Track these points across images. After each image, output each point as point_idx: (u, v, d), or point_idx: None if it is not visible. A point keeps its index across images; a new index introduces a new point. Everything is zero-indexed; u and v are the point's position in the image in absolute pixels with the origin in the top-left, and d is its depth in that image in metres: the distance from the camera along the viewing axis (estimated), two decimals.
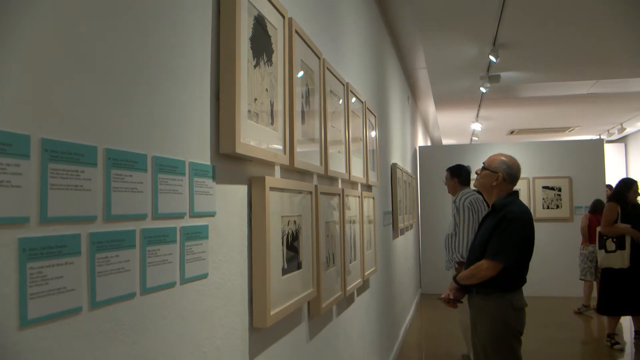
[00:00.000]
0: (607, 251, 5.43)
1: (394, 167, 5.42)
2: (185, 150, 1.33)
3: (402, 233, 6.22)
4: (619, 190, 5.59)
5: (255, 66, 1.64)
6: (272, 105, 1.78)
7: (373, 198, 3.73)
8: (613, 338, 5.66)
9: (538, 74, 7.98)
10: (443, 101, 9.75)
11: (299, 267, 1.99)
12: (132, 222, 1.11)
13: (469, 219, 4.40)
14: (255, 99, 1.63)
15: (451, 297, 3.10)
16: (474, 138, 13.45)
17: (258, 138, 1.64)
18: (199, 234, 1.36)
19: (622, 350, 5.54)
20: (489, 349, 2.92)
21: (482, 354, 2.99)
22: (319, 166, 2.32)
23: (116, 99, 1.08)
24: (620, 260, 5.36)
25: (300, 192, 2.05)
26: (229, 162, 1.56)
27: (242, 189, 1.65)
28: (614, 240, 5.40)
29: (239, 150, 1.48)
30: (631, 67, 7.68)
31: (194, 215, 1.34)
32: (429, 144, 13.86)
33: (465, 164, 5.26)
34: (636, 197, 5.51)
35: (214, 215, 1.45)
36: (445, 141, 15.99)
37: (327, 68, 2.52)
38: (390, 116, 5.56)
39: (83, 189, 0.97)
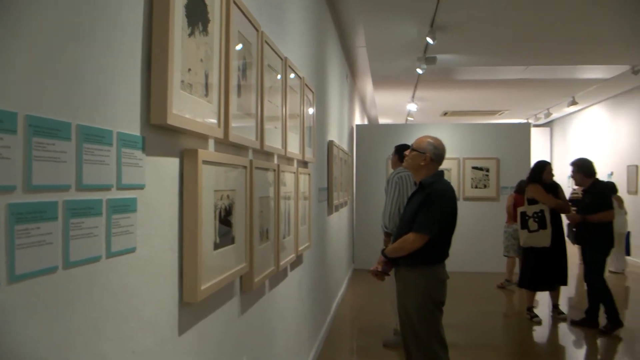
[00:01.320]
0: (530, 231, 5.72)
1: (330, 144, 5.45)
2: (113, 120, 1.28)
3: (336, 210, 6.30)
4: (535, 172, 5.93)
5: (190, 35, 1.59)
6: (206, 77, 1.73)
7: (309, 174, 3.75)
8: (532, 311, 6.02)
9: (473, 57, 8.21)
10: (381, 81, 9.87)
11: (231, 241, 1.98)
12: (54, 193, 1.06)
13: (395, 192, 4.62)
14: (189, 69, 1.59)
15: (380, 269, 3.23)
16: (409, 118, 13.73)
17: (191, 110, 1.60)
18: (127, 207, 1.32)
19: (540, 323, 5.90)
20: (414, 318, 3.09)
21: (407, 323, 3.16)
22: (255, 141, 2.30)
23: (40, 64, 1.02)
24: (542, 239, 5.65)
25: (234, 166, 2.03)
26: (161, 133, 1.51)
27: (174, 162, 1.61)
28: (536, 220, 5.70)
29: (171, 121, 1.44)
30: (559, 55, 8.04)
31: (121, 187, 1.30)
32: (366, 122, 14.03)
33: (400, 143, 5.36)
34: (551, 177, 5.85)
35: (143, 188, 1.41)
36: (382, 120, 16.24)
37: (266, 41, 2.48)
38: (328, 93, 5.57)
39: (1, 157, 0.91)
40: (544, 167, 5.88)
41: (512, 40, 7.21)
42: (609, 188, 5.78)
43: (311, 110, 3.98)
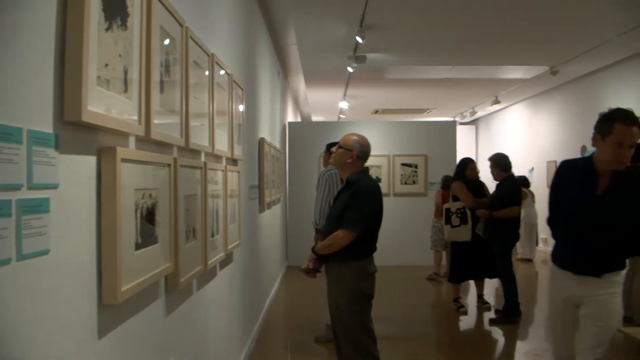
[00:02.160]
0: (452, 226, 6.00)
1: (261, 141, 5.43)
2: (24, 117, 1.22)
3: (269, 207, 6.29)
4: (458, 169, 6.22)
5: (107, 29, 1.55)
6: (126, 73, 1.69)
7: (238, 172, 3.72)
8: (458, 302, 6.28)
9: (401, 57, 8.41)
10: (313, 78, 9.94)
11: (155, 241, 1.94)
12: None
13: (325, 190, 4.73)
14: (107, 65, 1.54)
15: (311, 267, 3.27)
16: (341, 116, 13.89)
17: (109, 106, 1.55)
18: (39, 207, 1.27)
19: (466, 312, 6.17)
20: (344, 311, 3.15)
21: (337, 316, 3.22)
22: (180, 138, 2.26)
23: None
24: (464, 234, 5.95)
25: (157, 164, 1.99)
26: (76, 131, 1.46)
27: (91, 160, 1.56)
28: (459, 215, 5.97)
29: (86, 118, 1.39)
30: (483, 55, 8.39)
31: (32, 187, 1.24)
32: (299, 119, 14.07)
33: (332, 140, 5.43)
34: (474, 174, 6.12)
35: (57, 188, 1.36)
36: (315, 118, 16.35)
37: (191, 37, 2.44)
38: (259, 90, 5.54)
39: None
40: (466, 165, 6.16)
41: (438, 41, 7.46)
42: (519, 184, 6.07)
43: (241, 107, 3.95)
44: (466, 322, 6.00)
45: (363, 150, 3.27)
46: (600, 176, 2.69)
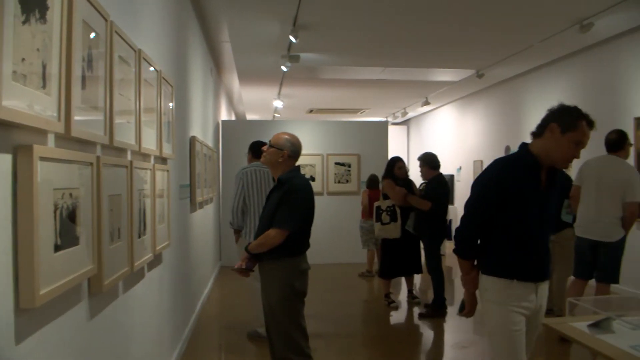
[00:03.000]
0: (382, 223, 6.16)
1: (193, 140, 5.35)
2: None
3: (201, 207, 6.19)
4: (387, 168, 6.37)
5: (24, 22, 1.48)
6: (44, 68, 1.62)
7: (167, 171, 3.65)
8: (389, 298, 6.44)
9: (335, 57, 8.50)
10: (247, 76, 9.87)
11: (76, 242, 1.88)
12: None
13: (238, 188, 4.93)
14: (23, 59, 1.48)
15: (244, 266, 3.26)
16: (276, 115, 13.87)
17: (26, 102, 1.49)
18: None
19: (396, 308, 6.34)
20: (277, 310, 3.17)
21: (270, 314, 3.23)
22: (103, 136, 2.19)
23: None
24: (393, 231, 6.13)
25: (79, 163, 1.92)
26: None
27: (6, 158, 1.49)
28: (389, 213, 6.13)
29: (0, 115, 1.33)
30: (413, 58, 8.62)
31: None
32: (233, 118, 13.93)
33: (267, 139, 5.45)
34: (403, 172, 6.30)
35: None
36: (250, 116, 16.23)
37: (116, 31, 2.38)
38: (190, 88, 5.45)
39: None
40: (394, 163, 6.32)
41: (371, 42, 7.60)
42: (447, 182, 6.29)
43: (171, 105, 3.87)
44: (397, 316, 6.16)
45: (294, 149, 3.30)
46: (541, 172, 2.52)
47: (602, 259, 4.69)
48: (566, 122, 2.44)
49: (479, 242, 2.57)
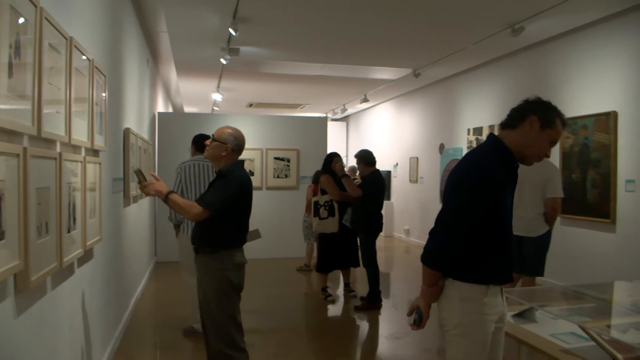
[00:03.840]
0: (320, 218, 6.25)
1: (127, 131, 5.19)
2: None
3: (135, 201, 6.03)
4: (325, 163, 6.47)
5: None
6: None
7: (99, 163, 3.54)
8: (326, 291, 6.53)
9: (275, 51, 8.48)
10: (185, 68, 9.68)
11: (1, 237, 1.79)
12: None
13: (176, 181, 4.93)
14: None
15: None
16: (215, 108, 13.69)
17: None
18: None
19: (333, 301, 6.44)
20: (213, 304, 3.15)
21: (205, 308, 3.20)
22: (31, 126, 2.10)
23: None
24: (331, 225, 6.25)
25: (4, 154, 1.83)
26: None
27: None
28: (326, 208, 6.24)
29: None
30: (352, 55, 8.72)
31: None
32: (170, 110, 13.63)
33: (205, 132, 5.42)
34: (340, 168, 6.40)
35: None
36: (188, 109, 15.93)
37: (46, 18, 2.28)
38: (125, 78, 5.29)
39: None
40: (332, 159, 6.42)
41: (311, 38, 7.63)
42: (383, 178, 6.43)
43: (103, 95, 3.75)
44: (334, 309, 6.24)
45: (238, 143, 3.28)
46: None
47: (527, 253, 4.92)
48: (548, 118, 2.21)
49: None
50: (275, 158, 9.49)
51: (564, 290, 3.55)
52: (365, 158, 6.20)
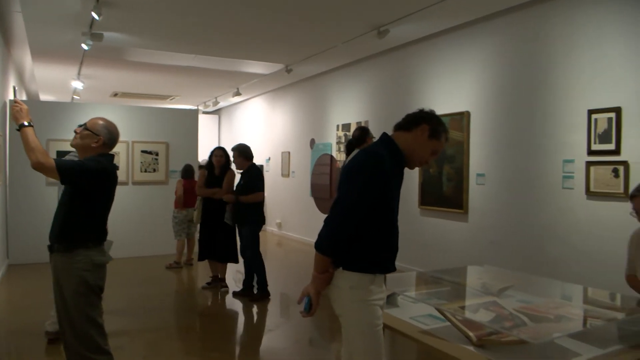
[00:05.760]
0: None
1: None
2: None
3: None
4: (208, 160, 6.59)
5: None
6: None
7: None
8: (212, 283, 6.74)
9: (143, 39, 8.11)
10: (41, 53, 8.93)
11: None
12: None
13: None
14: None
15: None
16: (75, 97, 12.79)
17: None
18: None
19: (227, 292, 6.58)
20: (71, 306, 2.96)
21: (63, 310, 3.00)
22: None
23: None
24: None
25: None
26: None
27: None
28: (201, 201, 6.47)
29: None
30: (225, 48, 8.62)
31: None
32: (24, 98, 12.47)
33: (64, 123, 5.06)
34: (219, 160, 6.50)
35: None
36: (44, 97, 14.69)
37: None
38: None
39: None
40: (212, 153, 6.56)
41: (182, 27, 7.41)
42: (261, 171, 6.51)
43: None
44: (206, 306, 6.17)
45: (111, 137, 3.13)
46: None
47: None
48: (436, 129, 2.40)
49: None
50: (143, 151, 9.10)
51: (423, 276, 3.84)
52: (244, 152, 6.25)
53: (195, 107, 15.59)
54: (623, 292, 3.28)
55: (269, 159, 12.80)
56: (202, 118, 13.72)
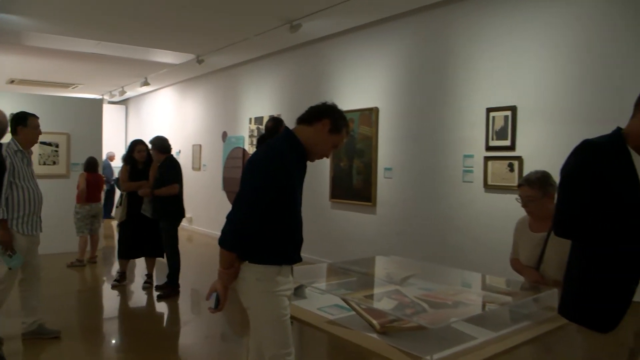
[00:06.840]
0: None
1: None
2: None
3: None
4: (127, 152, 6.44)
5: None
6: None
7: None
8: (122, 276, 6.58)
9: (42, 22, 7.63)
10: None
11: None
12: None
13: None
14: None
15: None
16: None
17: None
18: None
19: (117, 286, 6.45)
20: None
21: None
22: None
23: None
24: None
25: None
26: None
27: None
28: (121, 197, 6.38)
29: None
30: (132, 35, 8.29)
31: None
32: None
33: None
34: (141, 155, 6.34)
35: None
36: None
37: None
38: None
39: None
40: (134, 147, 6.39)
41: (84, 11, 7.03)
42: (178, 164, 6.35)
43: None
44: (108, 306, 5.95)
45: (0, 127, 2.93)
46: None
47: None
48: (337, 123, 2.45)
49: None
50: (42, 143, 8.54)
51: (332, 267, 3.92)
52: (160, 145, 6.14)
53: (100, 97, 14.87)
54: (518, 278, 3.52)
55: (180, 151, 12.47)
56: (107, 108, 13.13)
